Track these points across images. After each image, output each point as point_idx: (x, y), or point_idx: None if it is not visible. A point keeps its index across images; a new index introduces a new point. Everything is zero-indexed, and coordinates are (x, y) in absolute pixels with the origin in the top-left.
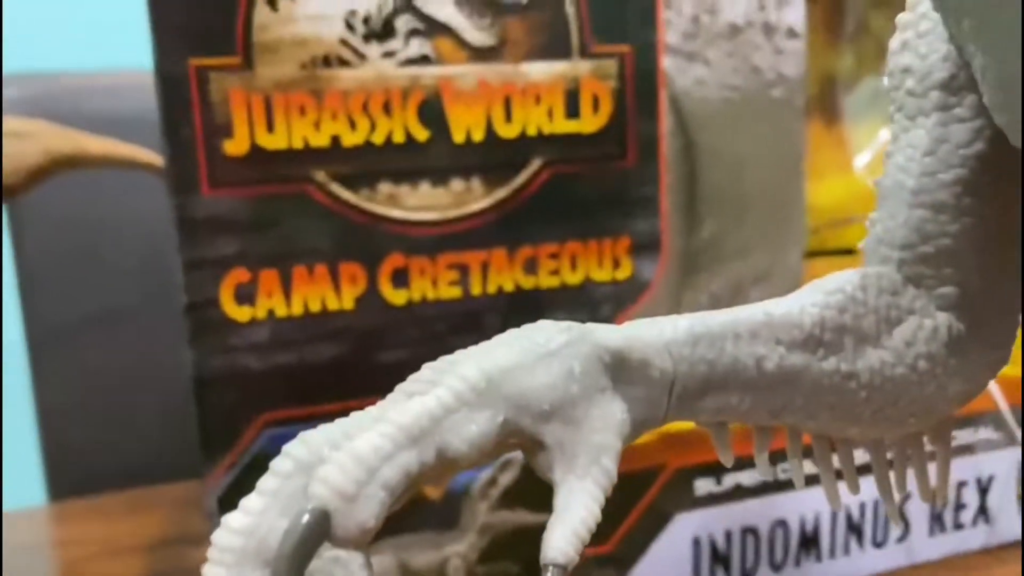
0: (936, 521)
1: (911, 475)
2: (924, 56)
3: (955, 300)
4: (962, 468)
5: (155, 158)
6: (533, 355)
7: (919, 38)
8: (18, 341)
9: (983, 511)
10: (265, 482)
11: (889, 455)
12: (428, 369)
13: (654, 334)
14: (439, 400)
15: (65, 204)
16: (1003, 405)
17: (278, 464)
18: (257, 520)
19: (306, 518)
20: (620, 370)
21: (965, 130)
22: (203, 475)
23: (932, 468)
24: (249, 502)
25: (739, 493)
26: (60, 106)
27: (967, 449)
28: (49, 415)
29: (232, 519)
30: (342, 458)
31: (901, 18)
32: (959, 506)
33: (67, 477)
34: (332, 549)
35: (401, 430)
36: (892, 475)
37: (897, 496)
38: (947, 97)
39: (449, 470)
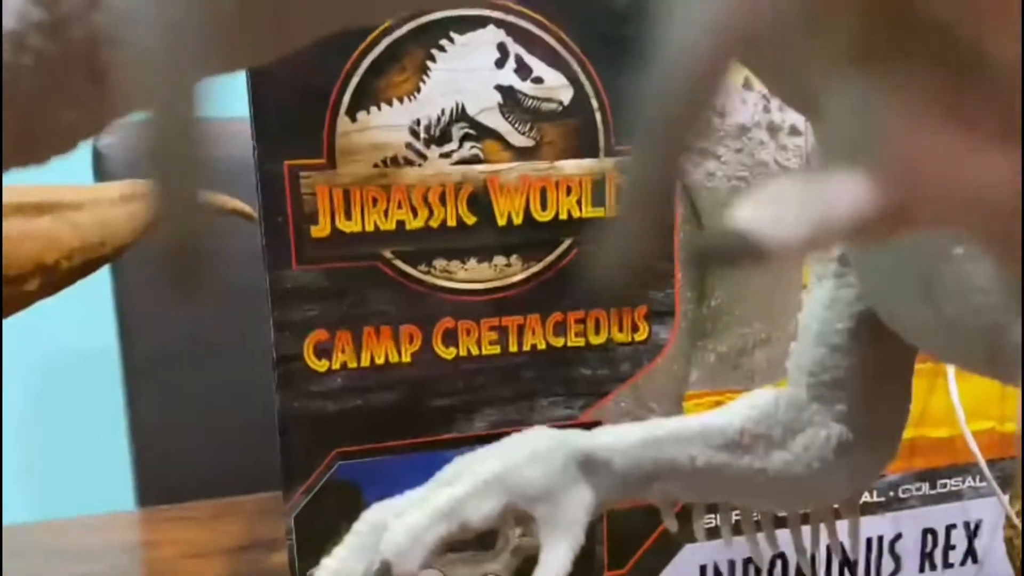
0: (927, 558)
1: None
2: None
3: (845, 415)
4: (952, 513)
5: (248, 208)
6: (527, 458)
7: None
8: (115, 362)
9: (971, 552)
10: (349, 539)
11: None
12: (457, 464)
13: (615, 439)
14: (462, 490)
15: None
16: (981, 459)
17: (358, 526)
18: (341, 564)
19: (376, 566)
20: (589, 466)
21: (853, 294)
22: (284, 497)
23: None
24: (338, 551)
25: (740, 528)
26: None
27: (956, 495)
28: (141, 429)
29: (326, 563)
30: (399, 528)
31: None
32: (949, 547)
33: (155, 486)
34: None
35: (436, 510)
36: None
37: (811, 550)
38: (841, 267)
39: (471, 533)
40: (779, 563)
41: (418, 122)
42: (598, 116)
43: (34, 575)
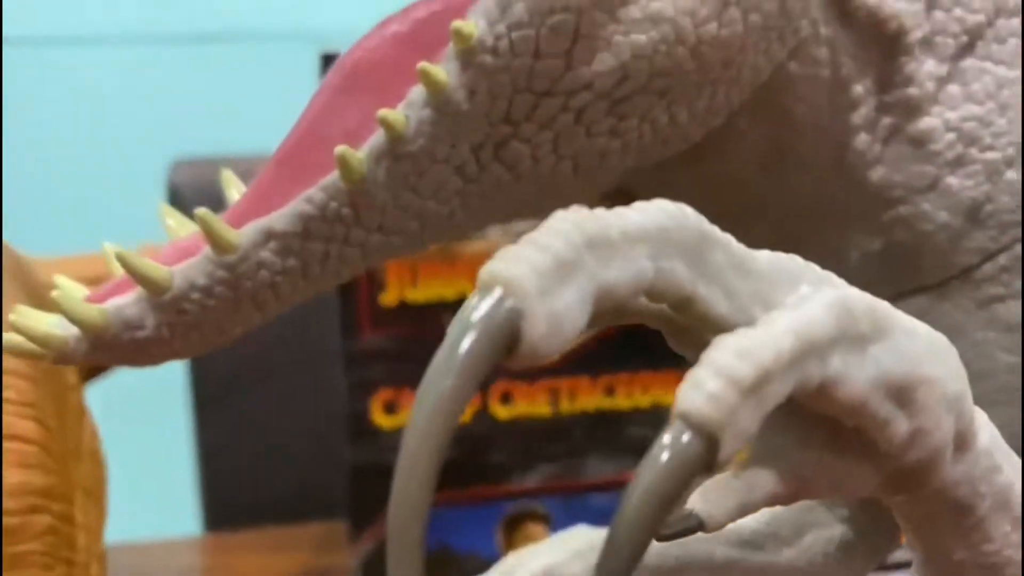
0: None
1: None
2: None
3: (847, 518)
4: None
5: None
6: (571, 554)
7: None
8: (183, 387)
9: None
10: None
11: None
12: (514, 557)
13: None
14: None
15: None
16: None
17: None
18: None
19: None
20: None
21: None
22: (351, 541)
23: None
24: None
25: None
26: (215, 187)
27: None
28: (207, 454)
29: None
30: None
31: None
32: None
33: (221, 511)
34: None
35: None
36: None
37: None
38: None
39: None
40: None
41: None
42: None
43: None
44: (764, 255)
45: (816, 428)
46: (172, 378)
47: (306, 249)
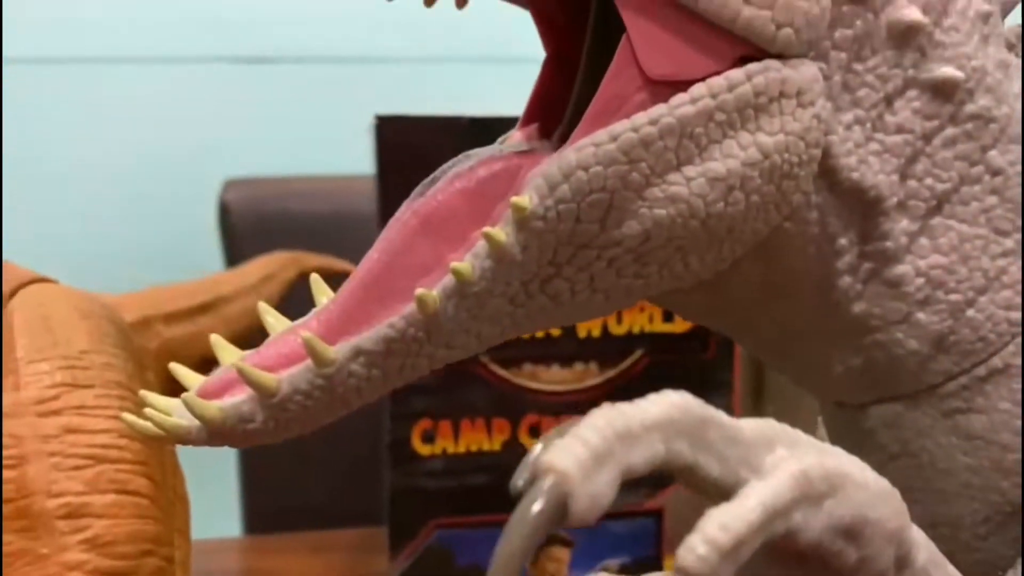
0: None
1: None
2: None
3: None
4: None
5: (350, 266)
6: None
7: None
8: None
9: None
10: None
11: None
12: None
13: None
14: None
15: None
16: None
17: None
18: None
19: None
20: None
21: None
22: (390, 557)
23: None
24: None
25: None
26: (264, 207)
27: None
28: (249, 460)
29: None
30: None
31: None
32: None
33: (261, 515)
34: None
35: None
36: None
37: None
38: None
39: None
40: None
41: None
42: None
43: None
44: (749, 426)
45: (785, 554)
46: None
47: (387, 363)
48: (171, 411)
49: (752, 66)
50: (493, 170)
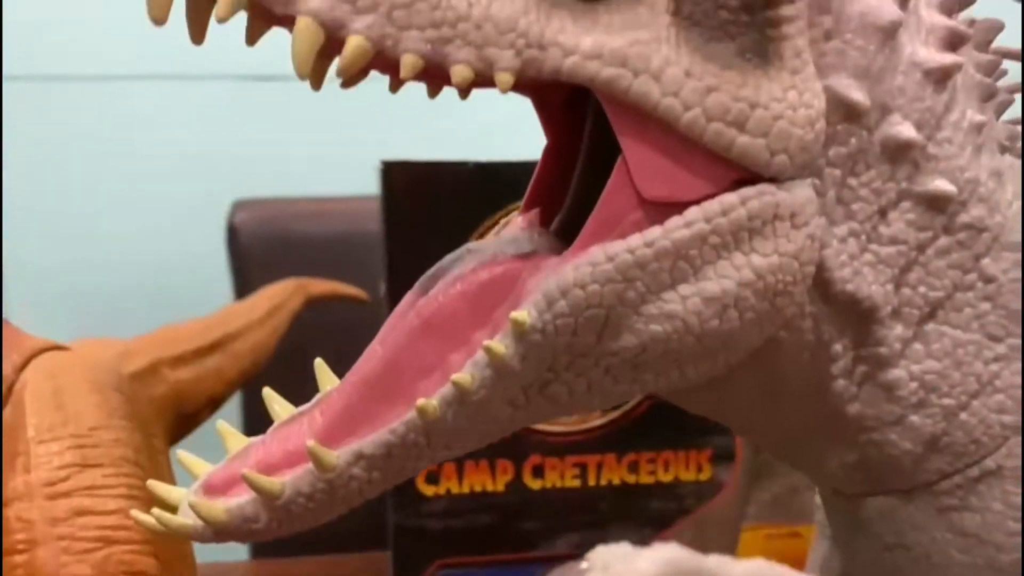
0: None
1: None
2: None
3: None
4: None
5: (361, 292)
6: None
7: None
8: (236, 409)
9: None
10: None
11: None
12: None
13: None
14: None
15: None
16: None
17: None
18: None
19: None
20: None
21: None
22: None
23: None
24: None
25: None
26: (273, 228)
27: None
28: None
29: None
30: None
31: None
32: None
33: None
34: None
35: None
36: None
37: None
38: None
39: None
40: None
41: None
42: None
43: None
44: (740, 568)
45: None
46: (226, 414)
47: (388, 466)
48: (178, 503)
49: (746, 190)
50: (494, 274)
